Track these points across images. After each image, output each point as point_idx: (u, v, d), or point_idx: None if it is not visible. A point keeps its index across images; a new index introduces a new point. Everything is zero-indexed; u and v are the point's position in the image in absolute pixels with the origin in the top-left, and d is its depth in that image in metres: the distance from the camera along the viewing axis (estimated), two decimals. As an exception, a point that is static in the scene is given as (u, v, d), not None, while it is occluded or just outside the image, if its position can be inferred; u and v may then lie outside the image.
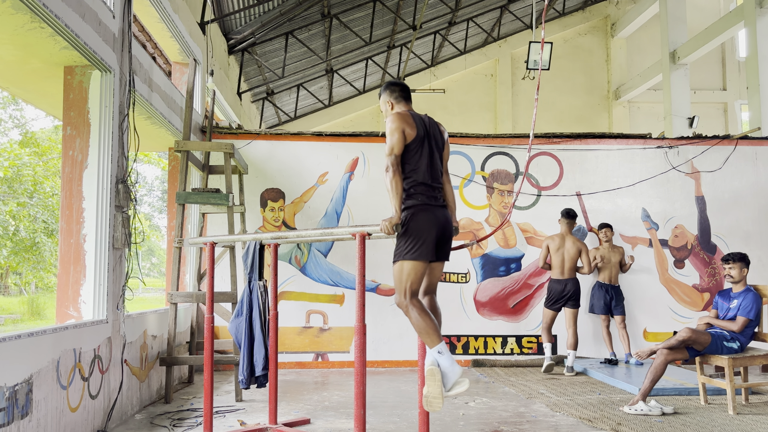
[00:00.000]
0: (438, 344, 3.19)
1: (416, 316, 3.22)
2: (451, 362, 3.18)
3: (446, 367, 3.16)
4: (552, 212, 7.45)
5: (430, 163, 3.42)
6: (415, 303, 3.25)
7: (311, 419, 4.60)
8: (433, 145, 3.48)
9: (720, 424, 4.37)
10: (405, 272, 3.26)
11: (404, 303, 3.26)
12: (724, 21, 12.65)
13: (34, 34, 3.70)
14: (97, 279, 4.25)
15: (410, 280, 3.26)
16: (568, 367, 6.55)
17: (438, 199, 3.42)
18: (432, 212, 3.33)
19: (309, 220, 7.29)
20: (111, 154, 4.36)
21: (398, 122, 3.38)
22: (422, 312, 3.23)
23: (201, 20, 7.71)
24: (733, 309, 5.04)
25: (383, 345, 7.14)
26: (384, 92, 3.65)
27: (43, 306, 16.92)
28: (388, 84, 3.66)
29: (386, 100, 3.63)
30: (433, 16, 14.54)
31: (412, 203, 3.33)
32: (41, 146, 18.59)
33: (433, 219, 3.32)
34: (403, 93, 3.61)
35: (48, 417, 3.43)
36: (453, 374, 3.16)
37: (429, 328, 3.21)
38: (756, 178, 7.69)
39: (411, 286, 3.26)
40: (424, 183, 3.37)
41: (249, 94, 13.65)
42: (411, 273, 3.26)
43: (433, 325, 3.22)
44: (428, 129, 3.49)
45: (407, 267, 3.26)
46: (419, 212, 3.30)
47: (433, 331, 3.21)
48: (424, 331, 3.21)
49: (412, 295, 3.26)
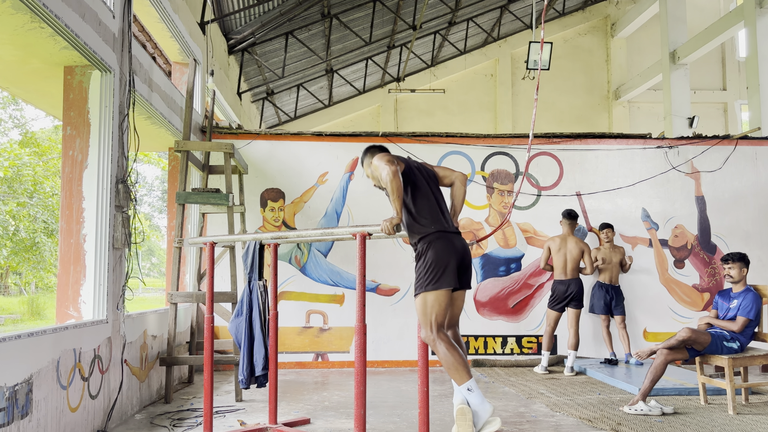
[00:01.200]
0: (467, 381, 3.10)
1: (444, 352, 3.13)
2: (481, 399, 3.08)
3: (476, 405, 3.07)
4: (552, 212, 7.45)
5: (431, 193, 3.45)
6: (443, 337, 3.16)
7: (311, 419, 4.60)
8: (426, 177, 3.53)
9: (720, 424, 4.37)
10: (429, 304, 3.19)
11: (431, 337, 3.17)
12: (724, 21, 12.65)
13: (34, 34, 3.70)
14: (97, 279, 4.25)
15: (434, 312, 3.18)
16: (569, 367, 6.55)
17: (450, 226, 3.41)
18: (449, 239, 3.30)
19: (309, 220, 7.29)
20: (111, 154, 4.36)
21: (385, 154, 3.46)
22: (450, 347, 3.15)
23: (201, 20, 7.71)
24: (733, 309, 5.04)
25: (383, 345, 7.14)
26: (366, 156, 3.70)
27: (43, 306, 16.92)
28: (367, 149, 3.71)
29: (369, 162, 3.65)
30: (433, 16, 14.54)
31: (426, 231, 3.30)
32: (41, 146, 18.59)
33: (451, 246, 3.28)
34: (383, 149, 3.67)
35: (48, 417, 3.43)
36: (484, 412, 3.06)
37: (458, 363, 3.12)
38: (756, 178, 7.69)
39: (437, 319, 3.18)
40: (433, 212, 3.37)
41: (249, 94, 13.65)
42: (435, 304, 3.18)
43: (461, 360, 3.14)
44: (413, 164, 3.56)
45: (430, 298, 3.19)
46: (435, 240, 3.27)
47: (462, 367, 3.12)
48: (453, 368, 3.12)
49: (438, 329, 3.17)
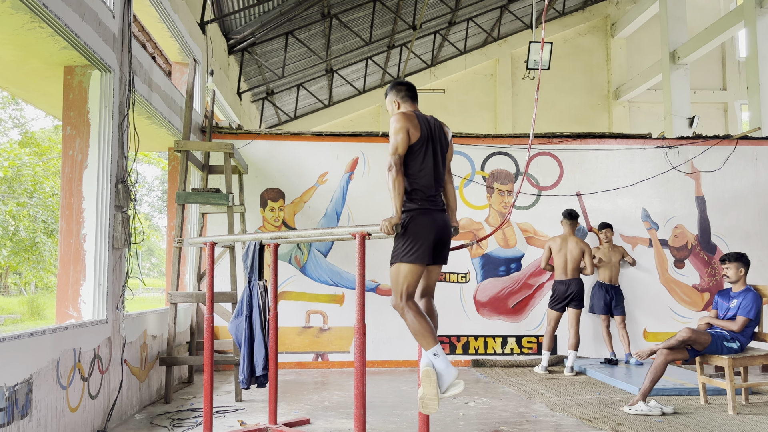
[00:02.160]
0: (433, 346, 3.19)
1: (412, 318, 3.22)
2: (446, 364, 3.18)
3: (442, 368, 3.16)
4: (552, 212, 7.45)
5: (432, 166, 3.40)
6: (411, 305, 3.25)
7: (311, 419, 4.60)
8: (437, 147, 3.45)
9: (720, 424, 4.37)
10: (402, 274, 3.26)
11: (400, 305, 3.26)
12: (724, 21, 12.65)
13: (34, 34, 3.70)
14: (97, 279, 4.25)
15: (407, 282, 3.26)
16: (569, 367, 6.55)
17: (438, 203, 3.41)
18: (431, 216, 3.32)
19: (309, 220, 7.29)
20: (111, 154, 4.36)
21: (403, 122, 3.34)
22: (418, 314, 3.23)
23: (201, 20, 7.71)
24: (733, 309, 5.04)
25: (383, 345, 7.14)
26: (390, 91, 3.61)
27: (43, 306, 16.92)
28: (394, 83, 3.62)
29: (392, 100, 3.59)
30: (433, 16, 14.54)
31: (412, 206, 3.31)
32: (41, 146, 18.58)
33: (432, 223, 3.31)
34: (410, 93, 3.58)
35: (48, 417, 3.43)
36: (449, 376, 3.16)
37: (424, 330, 3.21)
38: (756, 178, 7.69)
39: (407, 289, 3.26)
40: (426, 186, 3.35)
41: (249, 94, 13.65)
42: (408, 275, 3.25)
43: (428, 327, 3.22)
44: (432, 130, 3.46)
45: (404, 269, 3.26)
46: (418, 215, 3.29)
47: (429, 333, 3.21)
48: (420, 333, 3.21)
49: (408, 298, 3.26)
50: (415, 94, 3.60)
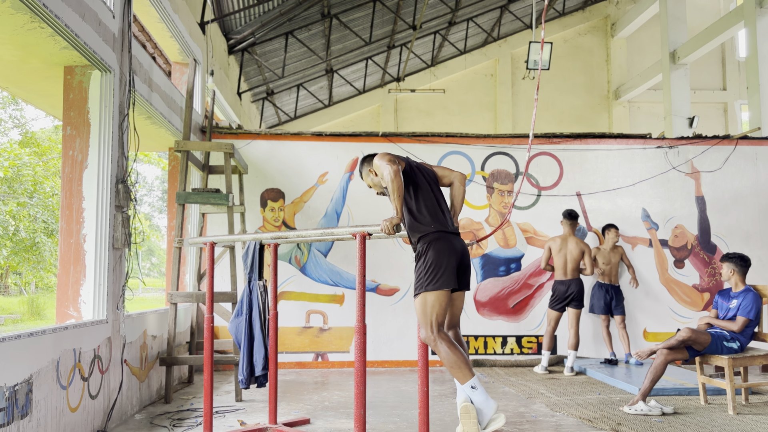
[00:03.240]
0: (470, 379, 3.09)
1: (446, 350, 3.13)
2: (485, 397, 3.07)
3: (480, 402, 3.06)
4: (552, 212, 7.45)
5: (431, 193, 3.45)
6: (443, 337, 3.16)
7: (311, 419, 4.60)
8: (426, 177, 3.52)
9: (720, 424, 4.37)
10: (429, 304, 3.18)
11: (431, 337, 3.17)
12: (724, 21, 12.65)
13: (34, 34, 3.71)
14: (97, 279, 4.25)
15: (435, 312, 3.17)
16: (569, 367, 6.55)
17: (450, 225, 3.40)
18: (448, 240, 3.30)
19: (309, 220, 7.29)
20: (111, 154, 4.36)
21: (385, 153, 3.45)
22: (451, 346, 3.14)
23: (201, 20, 7.71)
24: (733, 309, 5.04)
25: (383, 345, 7.14)
26: (364, 166, 3.70)
27: (43, 306, 16.92)
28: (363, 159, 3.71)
29: (369, 170, 3.66)
30: (433, 16, 14.54)
31: (427, 230, 3.30)
32: (41, 146, 18.58)
33: (451, 247, 3.28)
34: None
35: (48, 417, 3.43)
36: (488, 410, 3.05)
37: (460, 362, 3.11)
38: (756, 178, 7.69)
39: (437, 319, 3.18)
40: (433, 213, 3.37)
41: (249, 94, 13.65)
42: (435, 304, 3.17)
43: (463, 359, 3.13)
44: (412, 163, 3.55)
45: (430, 299, 3.18)
46: (435, 241, 3.27)
47: (465, 366, 3.11)
48: (456, 366, 3.12)
49: (438, 329, 3.17)
50: None
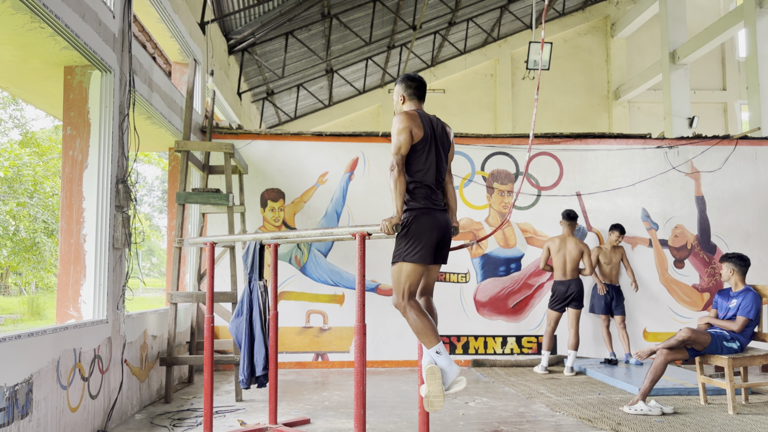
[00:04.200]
0: (436, 344, 3.21)
1: (414, 317, 3.23)
2: (449, 362, 3.20)
3: (445, 366, 3.18)
4: (552, 212, 7.45)
5: (434, 166, 3.40)
6: (413, 304, 3.26)
7: (311, 419, 4.60)
8: (439, 147, 3.45)
9: (720, 424, 4.37)
10: (404, 274, 3.27)
11: (402, 304, 3.28)
12: (724, 21, 12.65)
13: (34, 34, 3.71)
14: (97, 279, 4.25)
15: (408, 281, 3.27)
16: (569, 367, 6.55)
17: (439, 203, 3.41)
18: (433, 216, 3.33)
19: (309, 220, 7.29)
20: (111, 154, 4.36)
21: (406, 122, 3.34)
22: (420, 313, 3.24)
23: (201, 20, 7.71)
24: (733, 309, 5.04)
25: (383, 345, 7.14)
26: (399, 84, 3.58)
27: (43, 306, 16.91)
28: (405, 77, 3.58)
29: (399, 93, 3.57)
30: (433, 16, 14.54)
31: (414, 206, 3.32)
32: (41, 146, 18.58)
33: (434, 222, 3.32)
34: (418, 91, 3.55)
35: (48, 417, 3.43)
36: (451, 373, 3.18)
37: (427, 328, 3.22)
38: (756, 178, 7.69)
39: (409, 288, 3.27)
40: (427, 185, 3.36)
41: (249, 94, 13.65)
42: (410, 275, 3.26)
43: (430, 325, 3.24)
44: (435, 130, 3.46)
45: (406, 269, 3.27)
46: (421, 215, 3.30)
47: (431, 332, 3.22)
48: (422, 332, 3.23)
49: (410, 297, 3.27)
50: (423, 93, 3.57)
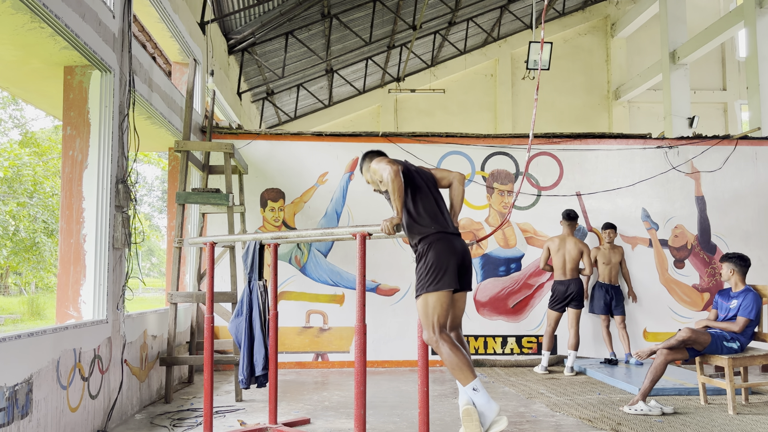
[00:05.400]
0: (473, 380, 3.08)
1: (447, 352, 3.12)
2: (487, 399, 3.06)
3: (482, 404, 3.04)
4: (552, 212, 7.45)
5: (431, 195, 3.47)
6: (445, 338, 3.15)
7: (311, 419, 4.60)
8: (425, 180, 3.54)
9: (720, 424, 4.37)
10: (430, 305, 3.18)
11: (433, 338, 3.16)
12: (724, 21, 12.65)
13: (34, 34, 3.71)
14: (97, 279, 4.25)
15: (437, 313, 3.17)
16: (569, 367, 6.55)
17: (450, 226, 3.41)
18: (449, 240, 3.30)
19: (309, 220, 7.29)
20: (111, 154, 4.36)
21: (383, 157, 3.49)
22: (453, 347, 3.13)
23: (201, 20, 7.71)
24: (733, 309, 5.04)
25: (383, 345, 7.14)
26: (365, 162, 3.69)
27: (43, 306, 16.91)
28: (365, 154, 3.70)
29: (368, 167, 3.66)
30: (433, 16, 14.54)
31: (427, 232, 3.30)
32: (41, 146, 18.58)
33: (451, 247, 3.28)
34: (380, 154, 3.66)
35: (48, 417, 3.43)
36: (491, 412, 3.03)
37: (462, 363, 3.10)
38: (756, 178, 7.69)
39: (438, 320, 3.17)
40: (432, 214, 3.37)
41: (249, 94, 13.65)
42: (437, 305, 3.17)
43: (465, 360, 3.12)
44: (412, 167, 3.57)
45: (432, 300, 3.18)
46: (436, 242, 3.27)
47: (467, 367, 3.10)
48: (458, 368, 3.11)
49: (440, 330, 3.17)
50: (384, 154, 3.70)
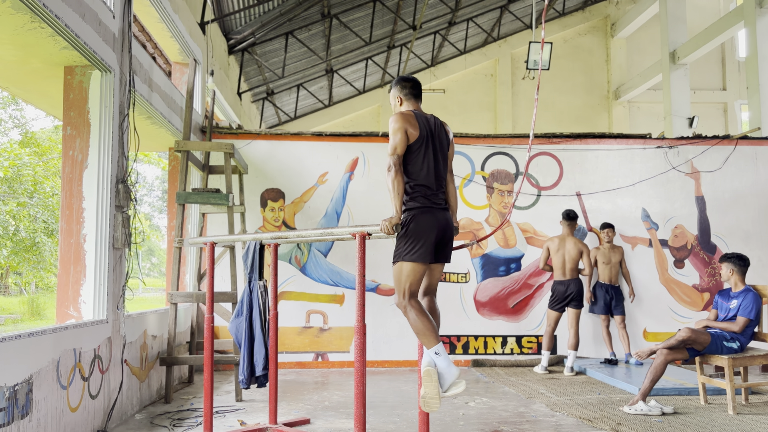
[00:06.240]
0: (435, 345, 3.19)
1: (414, 317, 3.23)
2: (448, 363, 3.18)
3: (443, 368, 3.16)
4: (552, 212, 7.45)
5: (433, 165, 3.40)
6: (414, 304, 3.25)
7: (311, 419, 4.60)
8: (437, 146, 3.45)
9: (720, 424, 4.37)
10: (404, 273, 3.27)
11: (403, 303, 3.27)
12: (724, 21, 12.65)
13: (34, 34, 3.71)
14: (97, 279, 4.25)
15: (409, 281, 3.26)
16: (569, 367, 6.55)
17: (439, 202, 3.40)
18: (433, 214, 3.32)
19: (309, 220, 7.29)
20: (111, 154, 4.36)
21: (401, 122, 3.35)
22: (420, 313, 3.24)
23: (201, 20, 7.71)
24: (733, 309, 5.05)
25: (383, 345, 7.14)
26: (395, 87, 3.61)
27: (43, 306, 16.91)
28: (400, 79, 3.61)
29: (396, 95, 3.60)
30: (433, 16, 14.54)
31: (413, 205, 3.32)
32: (41, 146, 18.57)
33: (434, 221, 3.31)
34: (414, 90, 3.57)
35: (48, 417, 3.43)
36: (450, 375, 3.16)
37: (427, 329, 3.21)
38: (756, 178, 7.69)
39: (410, 287, 3.27)
40: (426, 185, 3.35)
41: (249, 94, 13.65)
42: (410, 274, 3.26)
43: (431, 326, 3.23)
44: (433, 130, 3.46)
45: (406, 268, 3.26)
46: (420, 214, 3.30)
47: (431, 332, 3.21)
48: (422, 332, 3.22)
49: (411, 296, 3.27)
50: (419, 92, 3.59)
